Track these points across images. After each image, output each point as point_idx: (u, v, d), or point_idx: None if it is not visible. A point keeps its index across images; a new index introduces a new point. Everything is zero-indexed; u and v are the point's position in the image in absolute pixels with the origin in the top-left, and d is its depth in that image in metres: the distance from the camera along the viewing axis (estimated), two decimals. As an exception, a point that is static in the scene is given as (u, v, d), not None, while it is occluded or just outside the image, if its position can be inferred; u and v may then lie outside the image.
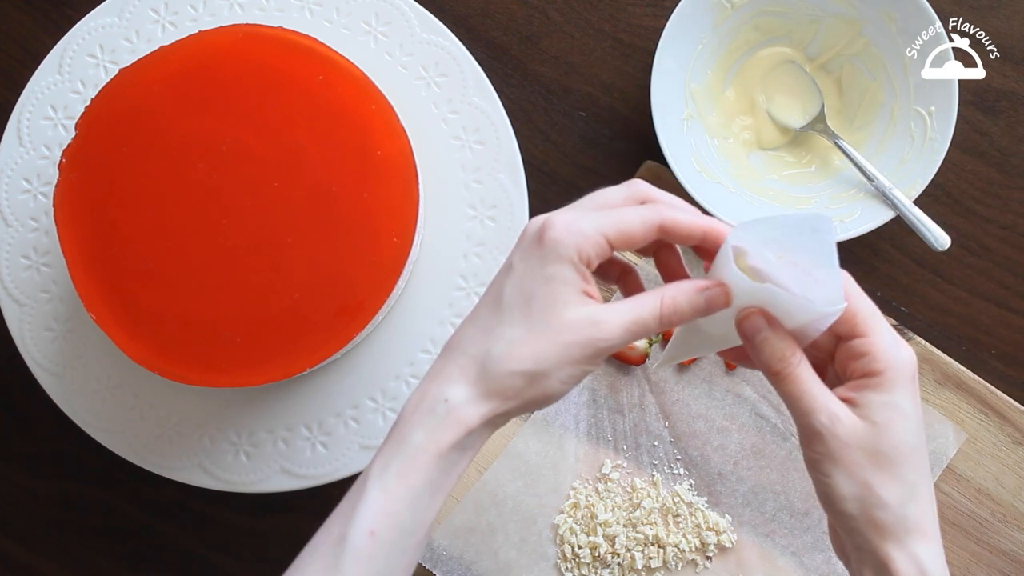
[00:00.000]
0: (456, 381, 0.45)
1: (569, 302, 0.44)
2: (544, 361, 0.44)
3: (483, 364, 0.45)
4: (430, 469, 0.44)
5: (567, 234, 0.44)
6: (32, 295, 0.70)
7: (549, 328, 0.44)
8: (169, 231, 0.63)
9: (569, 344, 0.44)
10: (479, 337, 0.45)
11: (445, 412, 0.45)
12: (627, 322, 0.44)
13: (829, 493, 0.45)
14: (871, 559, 0.45)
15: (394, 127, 0.64)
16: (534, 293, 0.44)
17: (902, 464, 0.44)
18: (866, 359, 0.45)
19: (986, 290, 0.74)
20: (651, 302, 0.45)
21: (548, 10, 0.76)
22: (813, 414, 0.44)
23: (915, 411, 0.45)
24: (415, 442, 0.45)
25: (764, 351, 0.45)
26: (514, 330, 0.44)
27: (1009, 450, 0.71)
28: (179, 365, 0.63)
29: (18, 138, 0.72)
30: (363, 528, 0.44)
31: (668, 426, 0.72)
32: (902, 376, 0.45)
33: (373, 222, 0.63)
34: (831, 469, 0.44)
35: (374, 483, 0.45)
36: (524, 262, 0.45)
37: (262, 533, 0.76)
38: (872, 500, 0.44)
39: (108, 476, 0.76)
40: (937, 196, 0.74)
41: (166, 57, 0.64)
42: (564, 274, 0.44)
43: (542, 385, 0.44)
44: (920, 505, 0.45)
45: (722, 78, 0.75)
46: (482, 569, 0.71)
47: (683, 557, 0.71)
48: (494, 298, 0.46)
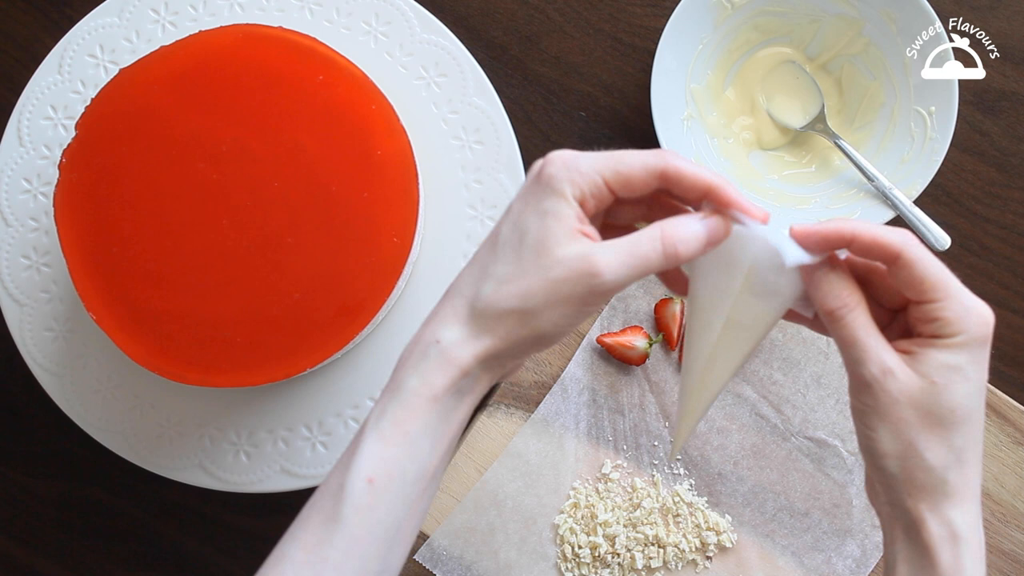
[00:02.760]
0: (448, 322, 0.44)
1: (561, 238, 0.42)
2: (532, 298, 0.42)
3: (472, 303, 0.43)
4: (426, 413, 0.43)
5: (563, 169, 0.43)
6: (32, 295, 0.70)
7: (538, 264, 0.42)
8: (169, 231, 0.63)
9: (558, 281, 0.42)
10: (473, 277, 0.44)
11: (437, 353, 0.43)
12: (624, 256, 0.42)
13: (871, 447, 0.43)
14: (904, 518, 0.44)
15: (394, 127, 0.64)
16: (527, 229, 0.43)
17: (953, 428, 0.42)
18: (936, 324, 0.42)
19: (986, 290, 0.74)
20: (650, 233, 0.43)
21: (548, 10, 0.76)
22: (864, 364, 0.43)
23: (978, 376, 0.43)
24: (409, 387, 0.43)
25: (822, 287, 0.43)
26: (504, 267, 0.43)
27: (1009, 450, 0.71)
28: (179, 365, 0.63)
29: (18, 138, 0.72)
30: (360, 476, 0.43)
31: (668, 426, 0.72)
32: (971, 340, 0.42)
33: (373, 222, 0.63)
34: (876, 423, 0.43)
35: (370, 431, 0.44)
36: (521, 200, 0.44)
37: (262, 533, 0.76)
38: (915, 460, 0.43)
39: (108, 476, 0.76)
40: (937, 196, 0.74)
41: (166, 57, 0.64)
42: (557, 209, 0.42)
43: (532, 324, 0.43)
44: (964, 471, 0.43)
45: (722, 78, 0.75)
46: (482, 569, 0.71)
47: (683, 557, 0.71)
48: (492, 239, 0.44)
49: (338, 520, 0.43)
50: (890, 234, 0.42)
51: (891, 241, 0.42)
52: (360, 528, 0.43)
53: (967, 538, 0.43)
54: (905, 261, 0.42)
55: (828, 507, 0.71)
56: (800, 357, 0.72)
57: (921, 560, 0.43)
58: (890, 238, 0.42)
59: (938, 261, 0.43)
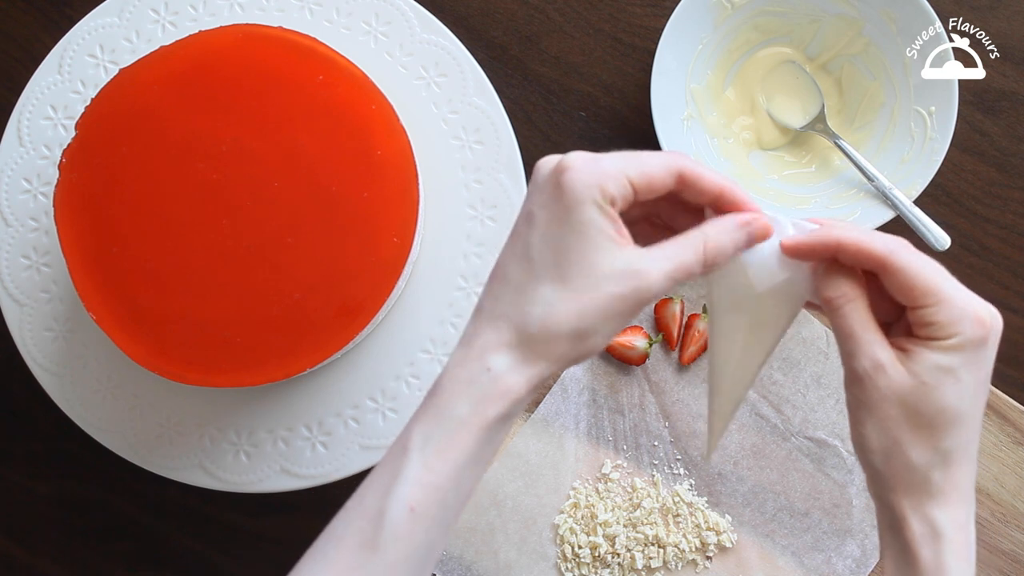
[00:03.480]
0: (496, 349, 0.42)
1: (604, 250, 0.41)
2: (587, 318, 0.41)
3: (522, 328, 0.42)
4: (475, 443, 0.42)
5: (588, 174, 0.41)
6: (32, 295, 0.70)
7: (587, 282, 0.41)
8: (169, 231, 0.63)
9: (611, 297, 0.41)
10: (513, 298, 0.42)
11: (489, 382, 0.42)
12: (669, 269, 0.42)
13: (860, 441, 0.44)
14: (888, 514, 0.44)
15: (394, 127, 0.64)
16: (565, 245, 0.41)
17: (940, 429, 0.42)
18: (930, 328, 0.42)
19: (986, 290, 0.74)
20: (693, 243, 0.42)
21: (548, 10, 0.76)
22: (857, 357, 0.43)
23: (973, 378, 0.43)
24: (458, 415, 0.42)
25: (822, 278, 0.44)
26: (550, 288, 0.41)
27: (1009, 450, 0.71)
28: (179, 365, 0.63)
29: (18, 138, 0.72)
30: (402, 504, 0.42)
31: (668, 426, 0.72)
32: (966, 343, 0.42)
33: (373, 222, 0.63)
34: (865, 417, 0.43)
35: (415, 456, 0.42)
36: (546, 210, 0.42)
37: (262, 533, 0.76)
38: (899, 458, 0.43)
39: (108, 476, 0.76)
40: (937, 196, 0.74)
41: (166, 57, 0.64)
42: (593, 219, 0.41)
43: (587, 343, 0.42)
44: (950, 471, 0.43)
45: (722, 78, 0.75)
46: (482, 569, 0.71)
47: (683, 557, 0.71)
48: (521, 253, 0.43)
49: (376, 548, 0.42)
50: (876, 242, 0.42)
51: (875, 249, 0.42)
52: (397, 556, 0.42)
53: (951, 537, 0.43)
54: (892, 269, 0.42)
55: (828, 507, 0.71)
56: (800, 357, 0.72)
57: (904, 556, 0.44)
58: (875, 246, 0.42)
59: (932, 263, 0.43)
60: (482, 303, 0.44)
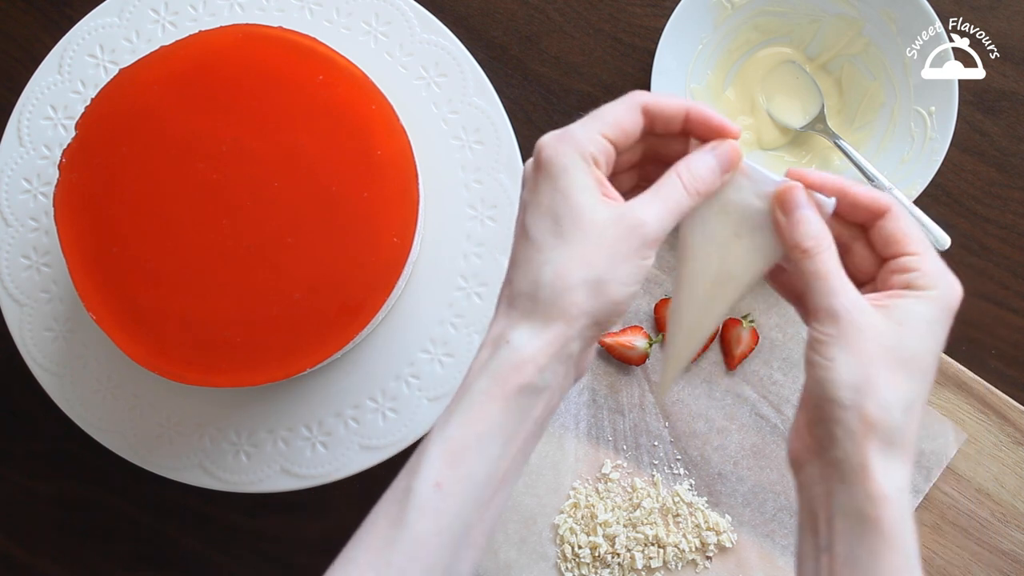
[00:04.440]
0: (515, 324, 0.43)
1: (594, 206, 0.43)
2: (597, 266, 0.42)
3: (535, 295, 0.42)
4: (497, 413, 0.42)
5: (561, 143, 0.43)
6: (32, 295, 0.70)
7: (588, 236, 0.42)
8: (169, 231, 0.63)
9: (614, 241, 0.42)
10: (523, 275, 0.43)
11: (508, 352, 0.42)
12: (659, 205, 0.43)
13: (825, 378, 0.42)
14: (846, 463, 0.42)
15: (394, 127, 0.64)
16: (557, 212, 0.43)
17: (913, 371, 0.42)
18: (914, 274, 0.43)
19: (986, 290, 0.74)
20: (669, 178, 0.44)
21: (548, 10, 0.76)
22: (836, 295, 0.43)
23: (940, 338, 0.44)
24: (478, 388, 0.42)
25: (800, 227, 0.44)
26: (553, 252, 0.42)
27: (1009, 450, 0.71)
28: (179, 365, 0.63)
29: (18, 138, 0.72)
30: (428, 480, 0.42)
31: (668, 426, 0.72)
32: (942, 300, 0.43)
33: (373, 222, 0.63)
34: (837, 352, 0.42)
35: (436, 434, 0.43)
36: (534, 192, 0.44)
37: (262, 533, 0.76)
38: (871, 393, 0.42)
39: (108, 476, 0.76)
40: (937, 196, 0.74)
41: (166, 57, 0.64)
42: (577, 181, 0.43)
43: (606, 292, 0.42)
44: (911, 422, 0.42)
45: (722, 78, 0.75)
46: (482, 569, 0.71)
47: (683, 557, 0.71)
48: (522, 236, 0.44)
49: (403, 524, 0.42)
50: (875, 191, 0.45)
51: (879, 196, 0.45)
52: (426, 532, 0.42)
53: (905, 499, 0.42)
54: (893, 215, 0.44)
55: (828, 507, 0.71)
56: (800, 357, 0.72)
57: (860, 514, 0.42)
58: (879, 195, 0.45)
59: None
60: (500, 295, 0.45)
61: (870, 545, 0.41)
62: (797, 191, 0.45)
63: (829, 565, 0.42)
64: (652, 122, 0.45)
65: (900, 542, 0.41)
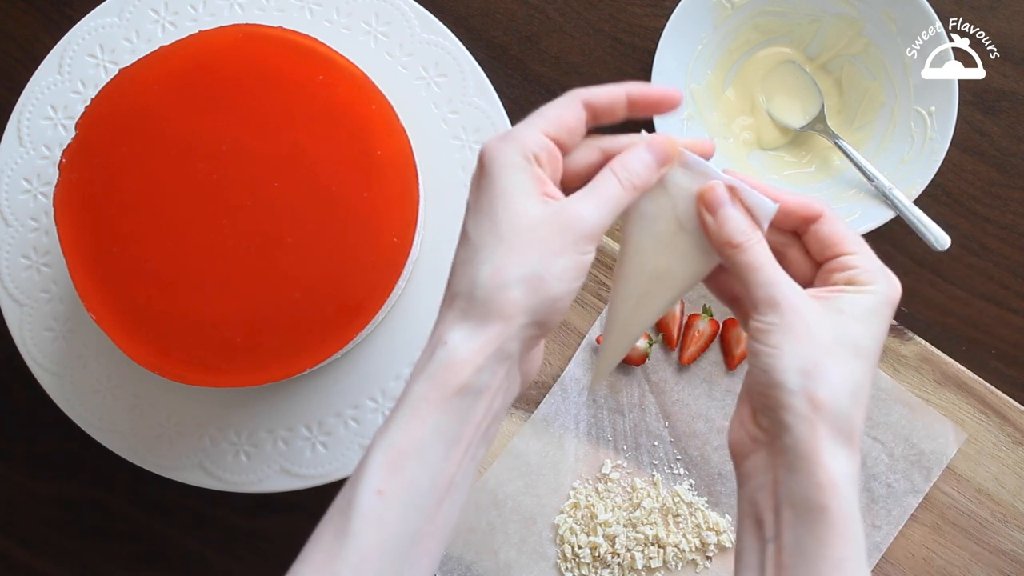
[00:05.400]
0: (451, 322, 0.43)
1: (531, 204, 0.43)
2: (532, 262, 0.42)
3: (471, 294, 0.42)
4: (436, 416, 0.42)
5: (501, 143, 0.43)
6: (32, 295, 0.70)
7: (521, 232, 0.42)
8: (169, 231, 0.63)
9: (548, 237, 0.42)
10: (462, 276, 0.43)
11: (444, 354, 0.42)
12: (593, 199, 0.43)
13: (771, 365, 0.42)
14: (794, 451, 0.42)
15: (394, 127, 0.64)
16: (495, 212, 0.43)
17: (857, 356, 0.42)
18: (854, 272, 0.44)
19: (986, 290, 0.74)
20: (604, 174, 0.44)
21: (548, 10, 0.76)
22: (774, 285, 0.43)
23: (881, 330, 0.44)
24: (416, 393, 0.42)
25: (727, 224, 0.44)
26: (491, 251, 0.42)
27: (1009, 450, 0.71)
28: (179, 365, 0.63)
29: (18, 138, 0.72)
30: (369, 488, 0.41)
31: (668, 426, 0.72)
32: (882, 295, 0.44)
33: (373, 222, 0.63)
34: (780, 339, 0.42)
35: (377, 441, 0.42)
36: (475, 193, 0.44)
37: (262, 533, 0.76)
38: (818, 376, 0.41)
39: (108, 476, 0.76)
40: (937, 196, 0.74)
41: (166, 57, 0.64)
42: (515, 180, 0.43)
43: (544, 288, 0.42)
44: (858, 409, 0.42)
45: (722, 78, 0.75)
46: (482, 569, 0.71)
47: (683, 557, 0.71)
48: (462, 238, 0.44)
49: (347, 534, 0.41)
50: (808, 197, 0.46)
51: (811, 202, 0.45)
52: (370, 542, 0.41)
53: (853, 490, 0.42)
54: (827, 218, 0.45)
55: (828, 507, 0.71)
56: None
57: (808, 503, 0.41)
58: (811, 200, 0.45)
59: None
60: (444, 298, 0.45)
61: (818, 534, 0.41)
62: (718, 189, 0.45)
63: (776, 556, 0.42)
64: (596, 115, 0.45)
65: (848, 531, 0.41)
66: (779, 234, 0.47)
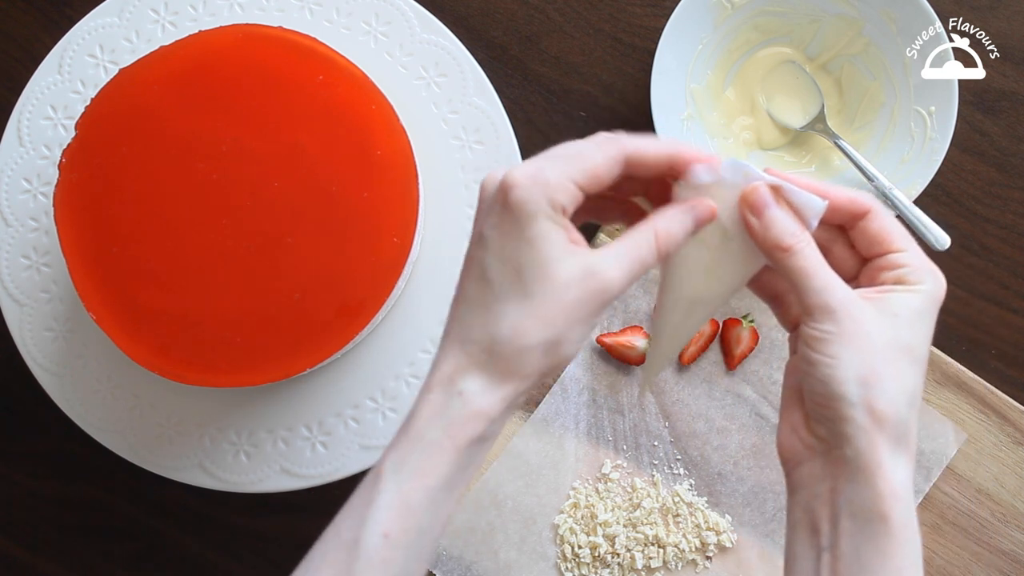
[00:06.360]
0: (467, 371, 0.42)
1: (560, 259, 0.41)
2: (554, 327, 0.41)
3: (491, 348, 0.42)
4: (449, 466, 0.42)
5: (533, 189, 0.41)
6: (32, 295, 0.71)
7: (549, 293, 0.41)
8: (169, 231, 0.63)
9: (574, 303, 0.41)
10: (478, 320, 0.42)
11: (461, 405, 0.42)
12: (626, 265, 0.42)
13: (830, 375, 0.41)
14: (856, 461, 0.41)
15: (394, 127, 0.64)
16: (521, 261, 0.41)
17: (911, 363, 0.42)
18: (904, 270, 0.43)
19: (986, 290, 0.74)
20: (646, 236, 0.43)
21: (548, 10, 0.76)
22: (829, 291, 0.42)
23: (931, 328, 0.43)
24: (431, 438, 0.42)
25: (775, 227, 0.43)
26: (514, 306, 0.41)
27: (1009, 450, 0.71)
28: (179, 365, 0.63)
29: (18, 138, 0.72)
30: (377, 531, 0.41)
31: (668, 426, 0.72)
32: (931, 293, 0.43)
33: (373, 222, 0.63)
34: (839, 349, 0.41)
35: (388, 482, 0.42)
36: (497, 230, 0.42)
37: (262, 533, 0.76)
38: (878, 387, 0.41)
39: (108, 476, 0.76)
40: (937, 196, 0.74)
41: (166, 57, 0.64)
42: (544, 232, 0.41)
43: (559, 352, 0.42)
44: (914, 416, 0.42)
45: (722, 78, 0.75)
46: (482, 569, 0.71)
47: (683, 557, 0.71)
48: (478, 275, 0.43)
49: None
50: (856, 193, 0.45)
51: (860, 197, 0.44)
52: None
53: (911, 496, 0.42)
54: (875, 214, 0.44)
55: (828, 507, 0.71)
56: (800, 357, 0.72)
57: (869, 512, 0.41)
58: (860, 195, 0.45)
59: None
60: (448, 328, 0.44)
61: (878, 544, 0.41)
62: (761, 190, 0.44)
63: (831, 564, 0.42)
64: (632, 169, 0.44)
65: (907, 541, 0.41)
66: (824, 230, 0.46)
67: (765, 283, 0.48)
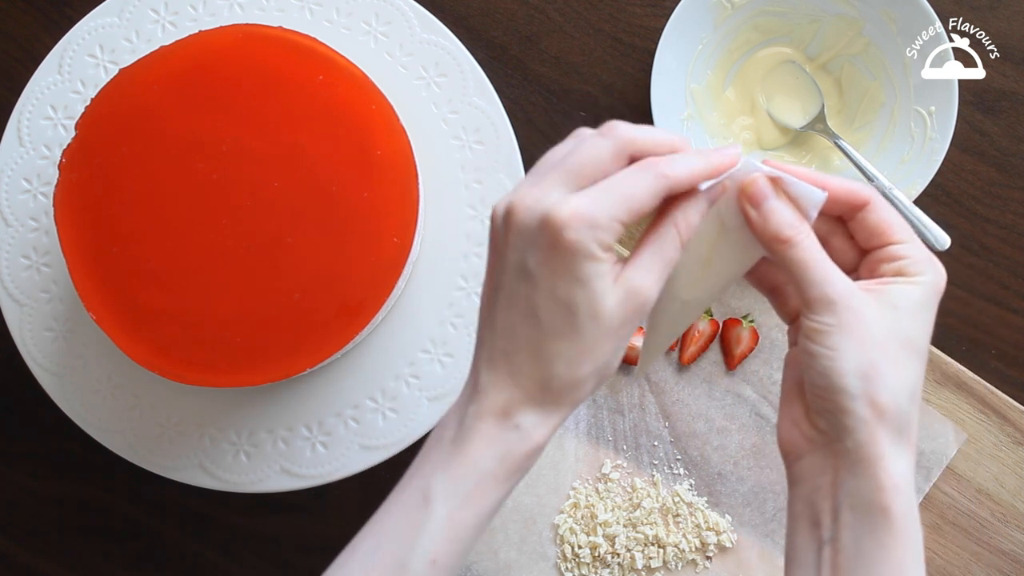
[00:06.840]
0: (522, 405, 0.43)
1: (607, 291, 0.42)
2: (604, 355, 0.43)
3: (545, 384, 0.43)
4: (501, 495, 0.43)
5: (584, 230, 0.41)
6: (32, 295, 0.71)
7: (600, 327, 0.42)
8: (169, 231, 0.63)
9: (620, 327, 0.42)
10: (530, 358, 0.43)
11: (519, 439, 0.43)
12: (657, 270, 0.43)
13: (831, 368, 0.41)
14: (857, 453, 0.42)
15: (394, 127, 0.64)
16: (573, 301, 0.42)
17: (912, 355, 0.42)
18: (905, 262, 0.43)
19: (986, 290, 0.74)
20: (669, 235, 0.43)
21: (548, 10, 0.76)
22: (829, 282, 0.42)
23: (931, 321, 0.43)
24: (486, 468, 0.43)
25: (774, 218, 0.43)
26: (565, 343, 0.42)
27: (1009, 450, 0.71)
28: (179, 365, 0.63)
29: (18, 138, 0.72)
30: (425, 557, 0.42)
31: (668, 426, 0.72)
32: (931, 285, 0.43)
33: (373, 222, 0.63)
34: (839, 341, 0.41)
35: (439, 506, 0.43)
36: (546, 268, 0.42)
37: (262, 533, 0.76)
38: (878, 380, 0.41)
39: (108, 476, 0.76)
40: (937, 196, 0.74)
41: (166, 57, 0.64)
42: (596, 271, 0.42)
43: (607, 373, 0.44)
44: (915, 409, 0.42)
45: (722, 78, 0.75)
46: (482, 569, 0.71)
47: (683, 557, 0.71)
48: (527, 312, 0.43)
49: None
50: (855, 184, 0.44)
51: (860, 188, 0.44)
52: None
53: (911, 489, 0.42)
54: (875, 205, 0.44)
55: (828, 507, 0.71)
56: (800, 357, 0.72)
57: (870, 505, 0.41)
58: (859, 186, 0.44)
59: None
60: (494, 358, 0.44)
61: (879, 536, 0.41)
62: (760, 182, 0.43)
63: (832, 557, 0.42)
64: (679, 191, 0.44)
65: (908, 533, 0.41)
66: (823, 221, 0.46)
67: (763, 275, 0.48)
